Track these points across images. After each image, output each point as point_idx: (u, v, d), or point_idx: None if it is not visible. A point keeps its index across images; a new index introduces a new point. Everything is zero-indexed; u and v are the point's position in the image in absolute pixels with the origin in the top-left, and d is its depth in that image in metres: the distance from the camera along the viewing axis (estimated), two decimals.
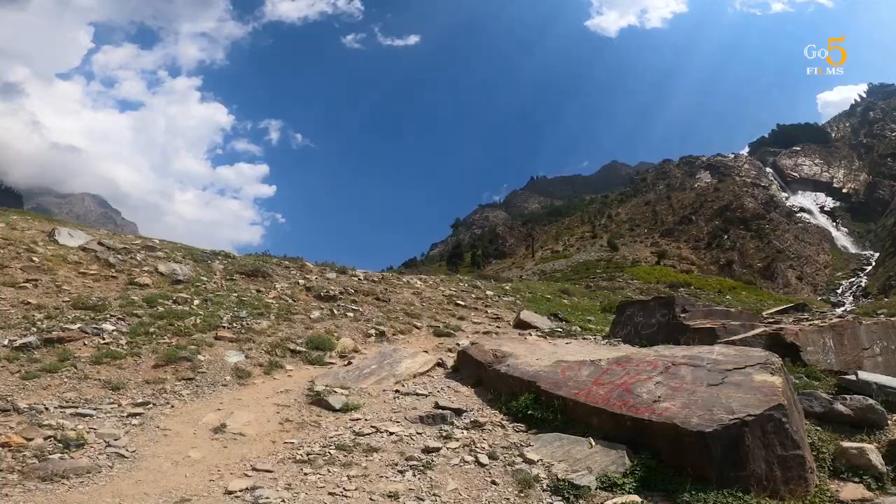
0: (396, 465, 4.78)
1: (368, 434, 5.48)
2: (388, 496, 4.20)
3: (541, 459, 4.82)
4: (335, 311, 11.28)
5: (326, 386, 6.86)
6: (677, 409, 4.69)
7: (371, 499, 4.16)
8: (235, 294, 11.15)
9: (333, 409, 6.18)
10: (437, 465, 4.79)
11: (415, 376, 7.67)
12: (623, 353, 6.83)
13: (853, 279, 74.71)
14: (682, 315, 9.28)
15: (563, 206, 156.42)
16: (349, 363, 8.20)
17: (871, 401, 6.02)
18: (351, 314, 11.33)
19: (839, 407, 5.85)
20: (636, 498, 4.15)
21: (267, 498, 4.07)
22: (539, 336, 10.82)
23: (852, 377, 6.94)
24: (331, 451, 5.03)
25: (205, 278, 11.89)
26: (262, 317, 9.87)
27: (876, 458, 4.84)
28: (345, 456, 4.92)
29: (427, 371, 7.94)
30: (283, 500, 4.08)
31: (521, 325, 12.51)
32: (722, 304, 29.50)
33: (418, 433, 5.56)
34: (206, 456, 4.99)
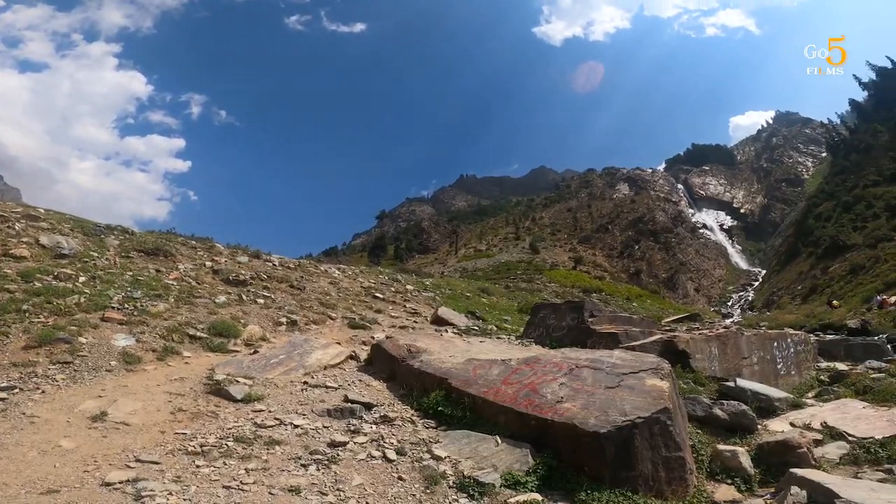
0: (300, 458, 4.60)
1: (271, 426, 5.23)
2: (290, 490, 4.02)
3: (448, 456, 4.83)
4: (244, 297, 10.70)
5: (228, 375, 6.47)
6: (577, 409, 4.87)
7: (270, 493, 3.97)
8: (131, 273, 10.24)
9: (234, 400, 5.83)
10: (343, 460, 4.66)
11: (326, 368, 7.45)
12: (533, 353, 7.03)
13: (742, 293, 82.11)
14: (590, 319, 9.74)
15: (489, 206, 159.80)
16: (255, 352, 7.81)
17: (744, 406, 6.61)
18: (261, 301, 10.80)
19: (717, 411, 6.37)
20: (537, 496, 4.26)
21: (151, 490, 3.76)
22: (455, 333, 10.92)
23: (731, 384, 7.60)
24: (228, 442, 4.74)
25: (95, 254, 10.84)
26: (159, 299, 9.13)
27: (746, 461, 5.28)
28: (244, 448, 4.66)
29: (339, 363, 7.74)
30: (171, 493, 3.78)
31: (439, 321, 12.59)
32: (628, 310, 31.47)
33: (325, 427, 5.39)
34: (81, 446, 4.52)
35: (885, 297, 23.63)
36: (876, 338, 13.70)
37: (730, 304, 74.02)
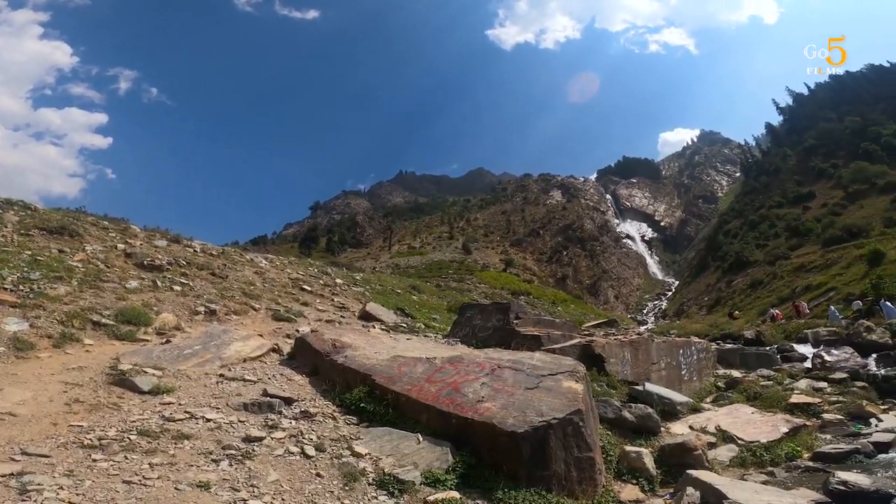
0: (211, 453, 4.40)
1: (181, 420, 4.96)
2: (198, 486, 3.84)
3: (369, 453, 4.81)
4: (159, 283, 10.05)
5: (134, 365, 6.06)
6: (497, 409, 5.00)
7: (177, 488, 3.76)
8: (29, 252, 9.30)
9: (140, 392, 5.47)
10: (259, 456, 4.52)
11: (245, 361, 7.16)
12: (458, 352, 7.14)
13: (657, 301, 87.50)
14: (515, 321, 10.01)
15: (426, 204, 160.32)
16: (168, 341, 7.37)
17: (649, 409, 7.07)
18: (178, 288, 10.19)
19: (626, 414, 6.77)
20: (456, 494, 4.32)
21: (39, 485, 3.45)
22: (382, 330, 10.86)
23: (640, 388, 8.10)
24: (131, 436, 4.44)
25: None
26: (60, 281, 8.36)
27: (650, 462, 5.65)
28: (148, 442, 4.39)
29: (260, 356, 7.47)
30: (61, 488, 3.49)
31: (367, 316, 12.46)
32: (553, 314, 32.64)
33: (241, 421, 5.20)
34: None
35: (777, 310, 26.05)
36: (767, 348, 15.04)
37: (645, 311, 78.67)
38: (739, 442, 6.90)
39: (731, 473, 5.98)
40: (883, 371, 11.18)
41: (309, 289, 14.18)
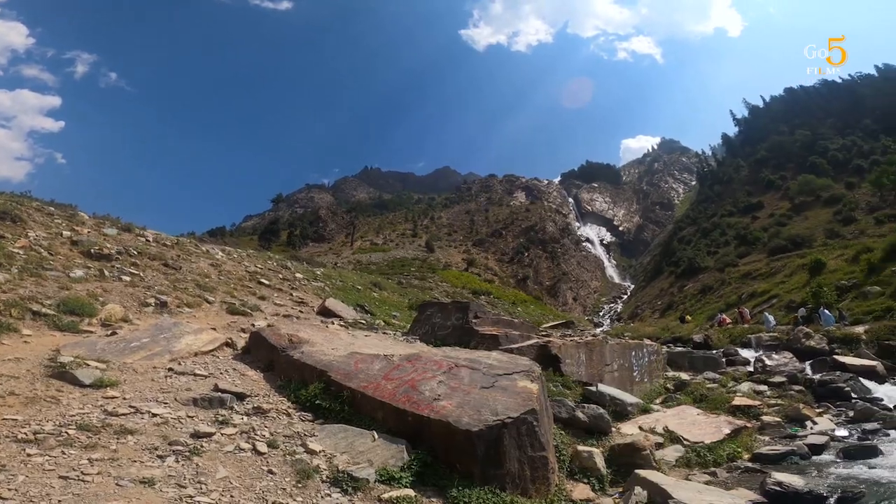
0: (156, 449, 4.26)
1: (125, 414, 4.77)
2: (141, 482, 3.70)
3: (323, 450, 4.76)
4: (106, 273, 9.62)
5: (76, 357, 5.78)
6: (453, 408, 5.02)
7: (118, 484, 3.62)
8: None
9: (81, 385, 5.22)
10: (208, 452, 4.40)
11: (196, 355, 6.95)
12: (416, 350, 7.14)
13: (613, 304, 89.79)
14: (474, 320, 10.10)
15: (390, 201, 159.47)
16: (114, 333, 7.07)
17: (601, 410, 7.26)
18: (127, 278, 9.79)
19: (579, 414, 6.93)
20: (410, 492, 4.32)
21: None
22: (341, 326, 10.74)
23: (594, 388, 8.31)
24: (69, 430, 4.24)
25: None
26: None
27: (600, 462, 5.80)
28: (88, 437, 4.20)
29: (212, 350, 7.26)
30: None
31: (326, 312, 12.31)
32: (513, 314, 33.06)
33: (189, 416, 5.05)
34: None
35: (724, 316, 27.22)
36: (714, 351, 15.71)
37: (601, 314, 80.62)
38: (685, 442, 7.15)
39: (677, 473, 6.18)
40: (818, 376, 11.85)
41: (267, 283, 13.89)
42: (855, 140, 71.92)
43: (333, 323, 11.01)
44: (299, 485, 4.18)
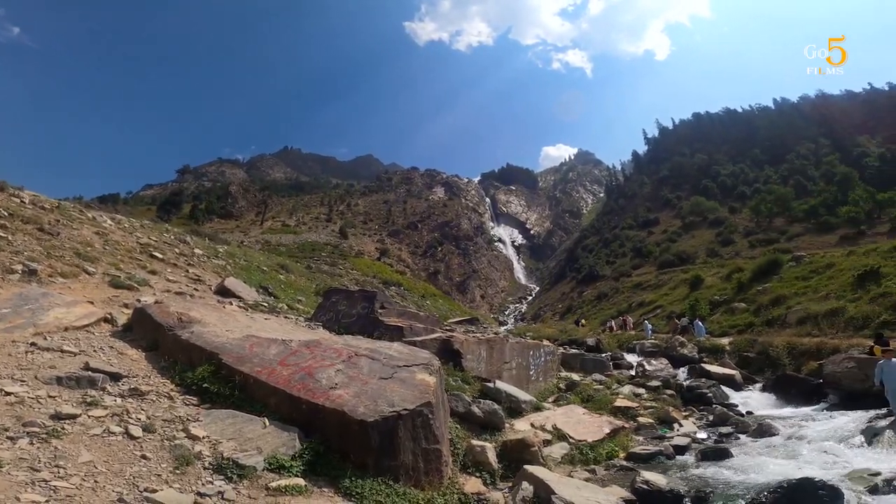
0: (7, 430, 3.86)
1: None
2: None
3: (208, 436, 4.53)
4: None
5: None
6: (349, 397, 4.96)
7: None
8: None
9: None
10: (70, 435, 4.04)
11: (67, 330, 6.30)
12: (317, 337, 6.97)
13: (518, 304, 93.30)
14: (380, 311, 10.05)
15: (307, 183, 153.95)
16: None
17: (496, 406, 7.52)
18: None
19: (475, 409, 7.13)
20: (301, 481, 4.20)
21: None
22: (240, 307, 10.22)
23: (491, 385, 8.60)
24: None
25: None
26: None
27: (492, 457, 6.01)
28: None
29: (87, 325, 6.61)
30: None
31: (224, 292, 11.65)
32: (422, 307, 33.32)
33: (51, 396, 4.59)
34: None
35: (613, 322, 29.36)
36: (604, 355, 16.86)
37: (507, 313, 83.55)
38: (571, 440, 7.60)
39: (562, 470, 6.55)
40: (688, 382, 13.13)
41: (160, 256, 12.87)
42: (743, 168, 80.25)
43: (231, 303, 10.44)
44: (177, 471, 3.95)
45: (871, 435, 7.30)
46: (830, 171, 64.13)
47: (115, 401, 4.84)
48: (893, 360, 8.25)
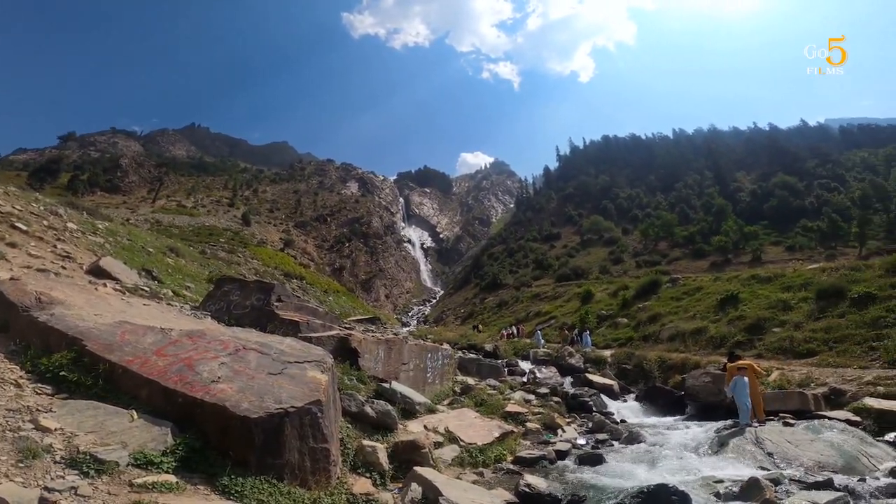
0: None
1: None
2: None
3: (61, 428, 4.09)
4: None
5: None
6: (232, 392, 4.68)
7: None
8: None
9: None
10: None
11: None
12: (202, 327, 6.52)
13: (422, 307, 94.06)
14: (276, 304, 9.62)
15: (211, 164, 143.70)
16: None
17: (389, 407, 7.49)
18: None
19: (368, 409, 7.05)
20: (172, 478, 3.91)
21: None
22: (116, 290, 9.28)
23: (387, 385, 8.54)
24: None
25: None
26: None
27: (383, 457, 5.96)
28: None
29: None
30: None
31: (99, 272, 10.51)
32: (325, 303, 32.43)
33: None
34: None
35: (510, 330, 30.53)
36: (499, 361, 17.39)
37: (410, 314, 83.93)
38: (461, 443, 7.74)
39: (451, 472, 6.65)
40: (573, 390, 13.93)
41: (24, 227, 11.36)
42: (639, 192, 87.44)
43: (106, 286, 9.45)
44: (21, 464, 3.51)
45: (719, 444, 8.16)
46: (710, 202, 71.96)
47: None
48: (744, 377, 9.33)
